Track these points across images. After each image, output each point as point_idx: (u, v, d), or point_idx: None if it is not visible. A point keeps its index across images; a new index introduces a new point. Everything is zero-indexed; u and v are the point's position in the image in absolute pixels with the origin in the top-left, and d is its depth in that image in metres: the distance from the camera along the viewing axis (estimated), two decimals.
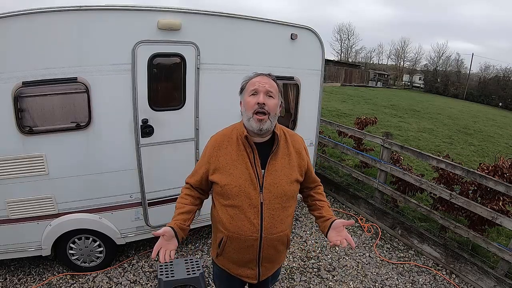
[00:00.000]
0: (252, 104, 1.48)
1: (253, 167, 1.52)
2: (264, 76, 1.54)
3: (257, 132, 1.50)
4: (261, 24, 3.09)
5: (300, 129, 3.64)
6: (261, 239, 1.55)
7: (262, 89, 1.49)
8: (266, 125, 1.49)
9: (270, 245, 1.59)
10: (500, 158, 3.56)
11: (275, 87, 1.54)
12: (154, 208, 3.02)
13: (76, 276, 2.97)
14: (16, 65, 2.29)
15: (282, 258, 1.78)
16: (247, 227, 1.53)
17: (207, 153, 1.61)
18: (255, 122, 1.48)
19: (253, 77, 1.55)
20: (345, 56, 55.30)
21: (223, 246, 1.61)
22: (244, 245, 1.57)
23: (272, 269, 1.73)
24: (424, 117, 14.15)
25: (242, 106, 1.56)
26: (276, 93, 1.53)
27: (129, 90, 2.63)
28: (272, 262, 1.69)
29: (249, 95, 1.51)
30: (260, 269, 1.65)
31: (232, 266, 1.67)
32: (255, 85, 1.50)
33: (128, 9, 2.50)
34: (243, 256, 1.61)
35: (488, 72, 44.63)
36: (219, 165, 1.55)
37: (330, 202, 4.86)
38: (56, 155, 2.54)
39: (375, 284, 3.20)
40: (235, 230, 1.54)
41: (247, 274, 1.66)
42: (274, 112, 1.51)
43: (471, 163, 7.21)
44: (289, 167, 1.58)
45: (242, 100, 1.56)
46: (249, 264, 1.63)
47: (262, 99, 1.47)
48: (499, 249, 3.10)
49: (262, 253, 1.59)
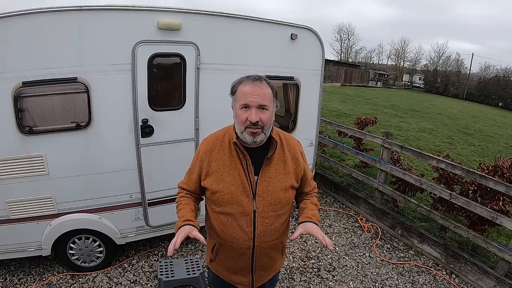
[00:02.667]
0: (243, 119, 1.38)
1: (245, 173, 1.45)
2: (256, 85, 1.38)
3: (251, 144, 1.44)
4: (261, 24, 3.09)
5: (300, 129, 3.64)
6: (254, 248, 1.50)
7: (254, 103, 1.36)
8: (260, 137, 1.42)
9: (263, 253, 1.54)
10: (500, 158, 3.56)
11: (269, 96, 1.40)
12: (154, 208, 3.02)
13: (76, 276, 2.97)
14: (16, 65, 2.29)
15: (278, 265, 1.72)
16: (239, 235, 1.47)
17: (198, 158, 1.54)
18: (248, 136, 1.40)
19: (244, 82, 1.41)
20: (345, 56, 55.32)
21: (215, 252, 1.59)
22: (237, 253, 1.52)
23: (267, 276, 1.68)
24: (424, 117, 14.15)
25: (234, 114, 1.46)
26: (270, 103, 1.41)
27: (129, 90, 2.63)
28: (266, 270, 1.64)
29: (240, 107, 1.39)
30: (253, 276, 1.60)
31: (225, 272, 1.63)
32: (246, 98, 1.37)
33: (128, 9, 2.50)
34: (235, 263, 1.56)
35: (488, 72, 44.66)
36: (210, 171, 1.49)
37: (330, 202, 4.86)
38: (56, 155, 2.54)
39: (375, 284, 3.20)
40: (227, 238, 1.50)
41: (240, 281, 1.62)
42: (269, 124, 1.42)
43: (471, 163, 7.21)
44: (284, 173, 1.51)
45: (233, 107, 1.46)
46: (242, 272, 1.59)
47: (254, 117, 1.36)
48: (499, 249, 3.09)
49: (255, 261, 1.54)
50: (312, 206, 1.61)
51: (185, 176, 1.65)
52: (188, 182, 1.61)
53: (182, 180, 1.66)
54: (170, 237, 3.53)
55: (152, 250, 3.43)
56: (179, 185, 1.66)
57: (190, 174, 1.61)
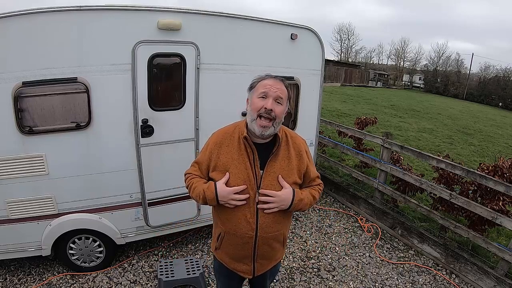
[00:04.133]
0: (259, 106, 1.49)
1: (252, 167, 1.55)
2: (277, 81, 1.53)
3: (259, 135, 1.53)
4: (261, 24, 3.09)
5: (300, 129, 3.64)
6: (256, 237, 1.59)
7: (273, 94, 1.49)
8: (269, 131, 1.51)
9: (265, 243, 1.63)
10: (500, 158, 3.56)
11: (285, 94, 1.54)
12: (154, 208, 3.02)
13: (76, 276, 2.97)
14: (16, 65, 2.29)
15: (279, 255, 1.81)
16: (243, 225, 1.57)
17: (208, 149, 1.63)
18: (258, 127, 1.50)
19: (266, 78, 1.54)
20: (345, 56, 55.32)
21: (220, 240, 1.68)
22: (240, 242, 1.62)
23: (268, 265, 1.77)
24: (424, 117, 14.16)
25: (248, 105, 1.57)
26: (285, 100, 1.54)
27: (129, 90, 2.63)
28: (267, 259, 1.73)
29: (258, 96, 1.51)
30: (255, 265, 1.70)
31: (229, 260, 1.73)
32: (266, 87, 1.50)
33: (128, 9, 2.50)
34: (239, 252, 1.66)
35: (488, 72, 44.68)
36: (219, 163, 1.58)
37: (330, 202, 4.86)
38: (56, 155, 2.54)
39: (375, 284, 3.20)
40: (232, 227, 1.60)
41: (243, 269, 1.72)
42: (280, 118, 1.52)
43: (471, 163, 7.21)
44: (288, 170, 1.60)
45: (250, 99, 1.57)
46: (244, 260, 1.69)
47: (270, 104, 1.47)
48: (499, 249, 3.09)
49: (257, 250, 1.63)
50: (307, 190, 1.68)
51: (191, 166, 1.72)
52: (196, 171, 1.68)
53: (189, 169, 1.72)
54: (170, 237, 3.54)
55: (152, 250, 3.42)
56: (187, 171, 1.72)
57: (198, 164, 1.68)
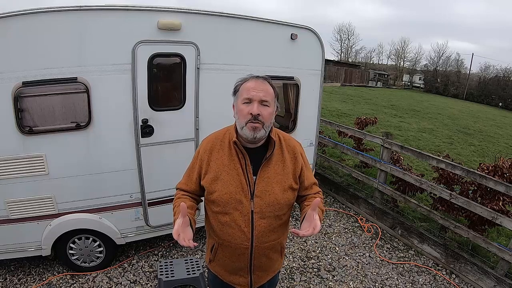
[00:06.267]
0: (245, 113, 1.39)
1: (244, 173, 1.45)
2: (259, 81, 1.42)
3: (250, 140, 1.43)
4: (261, 24, 3.09)
5: (300, 129, 3.64)
6: (252, 248, 1.50)
7: (256, 98, 1.38)
8: (260, 133, 1.41)
9: (262, 254, 1.53)
10: (500, 158, 3.56)
11: (271, 94, 1.43)
12: (154, 208, 3.02)
13: (76, 276, 2.97)
14: (16, 65, 2.29)
15: (277, 266, 1.71)
16: (238, 235, 1.47)
17: (198, 157, 1.54)
18: (249, 131, 1.39)
19: (248, 80, 1.44)
20: (345, 56, 55.29)
21: (214, 252, 1.59)
22: (235, 253, 1.52)
23: (266, 277, 1.67)
24: (424, 117, 14.15)
25: (235, 112, 1.48)
26: (271, 100, 1.42)
27: (129, 90, 2.63)
28: (265, 271, 1.63)
29: (243, 102, 1.40)
30: (252, 277, 1.60)
31: (224, 273, 1.63)
32: (249, 92, 1.39)
33: (128, 9, 2.50)
34: (234, 264, 1.56)
35: (488, 72, 44.55)
36: (209, 170, 1.49)
37: (330, 202, 4.86)
38: (56, 155, 2.54)
39: (375, 284, 3.20)
40: (226, 238, 1.50)
41: (239, 282, 1.61)
42: (269, 121, 1.42)
43: (471, 163, 7.21)
44: (283, 174, 1.49)
45: (235, 105, 1.47)
46: (240, 272, 1.59)
47: (256, 109, 1.37)
48: (499, 249, 3.09)
49: (253, 261, 1.54)
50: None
51: (184, 177, 1.63)
52: (187, 182, 1.59)
53: (180, 181, 1.63)
54: (170, 237, 3.54)
55: (152, 250, 3.42)
56: (177, 186, 1.63)
57: (189, 173, 1.59)
